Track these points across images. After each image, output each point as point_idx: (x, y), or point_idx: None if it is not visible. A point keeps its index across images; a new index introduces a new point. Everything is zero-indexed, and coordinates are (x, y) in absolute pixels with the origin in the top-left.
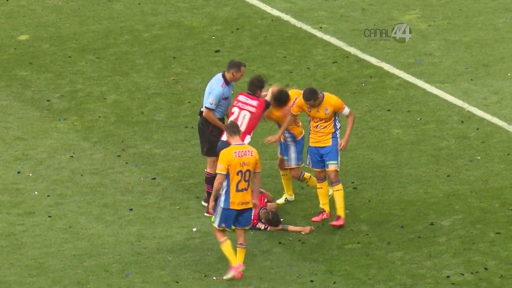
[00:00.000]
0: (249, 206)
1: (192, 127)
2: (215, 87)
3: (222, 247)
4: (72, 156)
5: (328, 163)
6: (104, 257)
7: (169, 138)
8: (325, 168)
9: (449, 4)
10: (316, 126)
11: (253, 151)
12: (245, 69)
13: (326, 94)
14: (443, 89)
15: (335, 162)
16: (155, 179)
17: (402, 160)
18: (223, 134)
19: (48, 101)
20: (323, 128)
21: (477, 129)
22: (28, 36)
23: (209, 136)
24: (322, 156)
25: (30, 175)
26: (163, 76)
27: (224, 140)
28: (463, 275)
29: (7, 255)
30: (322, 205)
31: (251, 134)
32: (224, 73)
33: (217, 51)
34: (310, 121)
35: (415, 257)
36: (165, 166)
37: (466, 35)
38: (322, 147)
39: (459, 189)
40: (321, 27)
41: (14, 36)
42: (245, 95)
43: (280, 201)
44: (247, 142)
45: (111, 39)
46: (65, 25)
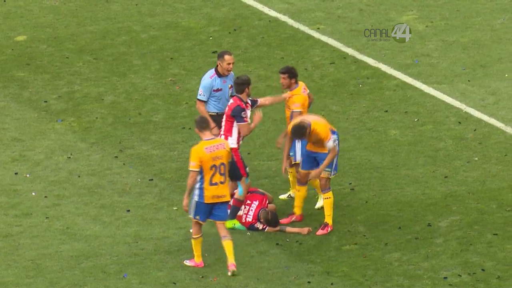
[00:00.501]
0: (224, 199)
1: (190, 128)
2: (204, 77)
3: (192, 241)
4: (70, 157)
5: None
6: (102, 258)
7: (166, 139)
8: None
9: (446, 5)
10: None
11: (225, 144)
12: (230, 56)
13: (313, 124)
14: (440, 90)
15: (328, 169)
16: (152, 180)
17: (399, 161)
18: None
19: (45, 102)
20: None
21: (475, 130)
22: (26, 37)
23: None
24: (316, 158)
25: (28, 176)
26: (160, 77)
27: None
28: (461, 276)
29: (4, 256)
30: (294, 207)
31: (232, 135)
32: (217, 66)
33: (214, 52)
34: None
35: (412, 258)
36: (162, 167)
37: (463, 36)
38: (317, 153)
39: (457, 190)
40: (318, 28)
41: (11, 37)
42: (232, 97)
43: (283, 196)
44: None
45: (108, 40)
46: (63, 26)
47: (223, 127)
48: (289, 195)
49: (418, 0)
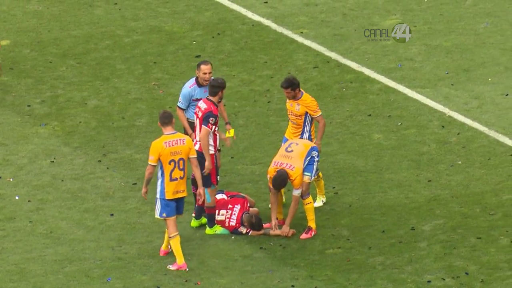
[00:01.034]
0: (184, 194)
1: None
2: (184, 86)
3: (171, 241)
4: (53, 161)
5: (304, 173)
6: (85, 262)
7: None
8: None
9: (430, 9)
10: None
11: (186, 139)
12: (206, 66)
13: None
14: (424, 94)
15: (309, 174)
16: (136, 184)
17: (383, 165)
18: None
19: (29, 106)
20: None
21: (458, 134)
22: (9, 41)
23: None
24: None
25: (11, 180)
26: (144, 81)
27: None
28: (444, 280)
29: None
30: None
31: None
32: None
33: (198, 56)
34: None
35: (396, 262)
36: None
37: (447, 40)
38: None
39: (440, 194)
40: (302, 32)
41: None
42: (203, 100)
43: (317, 204)
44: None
45: (91, 44)
46: (46, 30)
47: (197, 132)
48: (322, 200)
49: (402, 5)
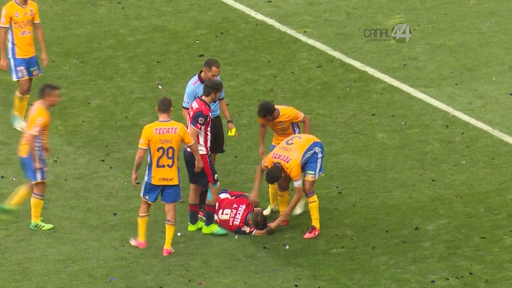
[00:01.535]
0: (172, 183)
1: None
2: (188, 84)
3: (138, 219)
4: (56, 161)
5: (306, 172)
6: (88, 262)
7: None
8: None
9: (434, 8)
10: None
11: (178, 128)
12: (217, 69)
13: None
14: (427, 94)
15: (312, 172)
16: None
17: (386, 164)
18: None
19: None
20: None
21: (462, 133)
22: None
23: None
24: None
25: (14, 179)
26: (147, 81)
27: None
28: (448, 279)
29: None
30: (280, 212)
31: (201, 142)
32: (200, 72)
33: (201, 55)
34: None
35: (400, 262)
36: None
37: (451, 39)
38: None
39: (444, 193)
40: (305, 31)
41: None
42: (197, 100)
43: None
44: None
45: (95, 43)
46: (49, 29)
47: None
48: (271, 209)
49: (405, 4)
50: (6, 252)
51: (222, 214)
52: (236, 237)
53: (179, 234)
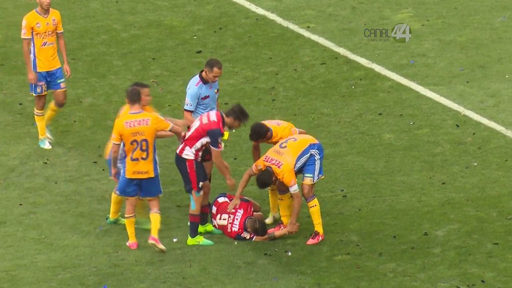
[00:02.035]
0: (148, 175)
1: None
2: (190, 86)
3: (126, 221)
4: (46, 163)
5: (304, 175)
6: (80, 269)
7: None
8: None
9: (443, 2)
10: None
11: (150, 120)
12: (219, 70)
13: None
14: (437, 92)
15: (310, 175)
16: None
17: (394, 166)
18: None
19: (20, 104)
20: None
21: (474, 134)
22: (0, 36)
23: None
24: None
25: (1, 182)
26: (142, 78)
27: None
28: None
29: None
30: (281, 216)
31: (193, 147)
32: (201, 72)
33: (199, 51)
34: None
35: (408, 269)
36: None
37: (461, 35)
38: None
39: (455, 197)
40: (308, 27)
41: None
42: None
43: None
44: (184, 155)
45: (87, 39)
46: None
47: (189, 132)
48: (273, 217)
49: None
50: None
51: (220, 219)
52: (236, 243)
53: (175, 240)
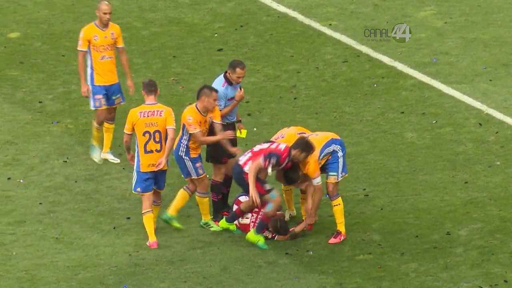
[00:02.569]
0: (162, 168)
1: None
2: (216, 87)
3: (143, 217)
4: (66, 161)
5: (328, 174)
6: (100, 268)
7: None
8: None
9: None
10: None
11: (164, 111)
12: (242, 70)
13: (310, 160)
14: (460, 90)
15: (334, 173)
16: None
17: (416, 165)
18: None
19: (40, 102)
20: None
21: (497, 132)
22: (19, 33)
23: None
24: None
25: (21, 181)
26: (162, 76)
27: (239, 164)
28: None
29: None
30: (303, 216)
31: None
32: (225, 73)
33: (220, 49)
34: None
35: (430, 269)
36: None
37: (485, 32)
38: None
39: (477, 196)
40: (330, 24)
41: (4, 33)
42: (289, 147)
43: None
44: (246, 169)
45: None
46: (59, 22)
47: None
48: (290, 214)
49: None
50: (13, 258)
51: (242, 218)
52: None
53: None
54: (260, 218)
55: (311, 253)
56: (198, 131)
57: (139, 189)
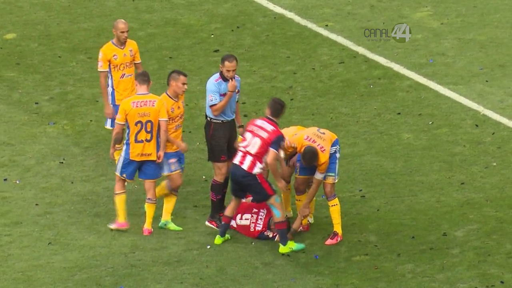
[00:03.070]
0: (150, 158)
1: (190, 132)
2: (209, 81)
3: (115, 198)
4: (62, 162)
5: (326, 174)
6: (96, 269)
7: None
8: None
9: (463, 0)
10: None
11: (156, 101)
12: (230, 63)
13: (319, 155)
14: (456, 91)
15: (333, 174)
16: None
17: (413, 166)
18: (235, 155)
19: (36, 103)
20: None
21: (493, 133)
22: (15, 34)
23: (210, 141)
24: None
25: (18, 182)
26: (159, 78)
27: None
28: None
29: None
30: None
31: (262, 163)
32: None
33: (216, 50)
34: None
35: (426, 270)
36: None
37: (481, 33)
38: None
39: (474, 197)
40: (327, 25)
41: (0, 34)
42: (264, 119)
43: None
44: (255, 171)
45: (103, 38)
46: (55, 23)
47: (252, 146)
48: (286, 215)
49: None
50: (9, 259)
51: (241, 219)
52: (253, 243)
53: (208, 247)
54: (277, 229)
55: (307, 254)
56: (164, 120)
57: (125, 175)
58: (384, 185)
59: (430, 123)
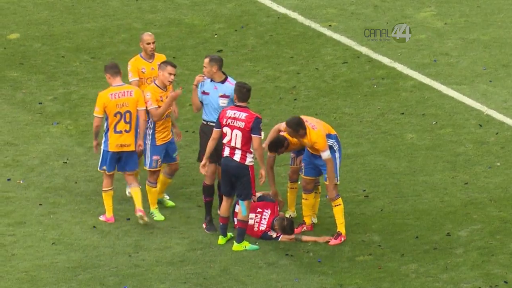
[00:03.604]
0: (130, 148)
1: (194, 132)
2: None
3: (103, 194)
4: (66, 162)
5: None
6: (100, 269)
7: None
8: (317, 177)
9: (466, 0)
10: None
11: (134, 91)
12: (209, 61)
13: (310, 131)
14: (460, 91)
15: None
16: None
17: (416, 166)
18: (224, 149)
19: (40, 103)
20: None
21: (497, 133)
22: (19, 34)
23: (200, 141)
24: (317, 165)
25: (21, 182)
26: None
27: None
28: None
29: None
30: (304, 216)
31: (251, 153)
32: None
33: (219, 50)
34: None
35: (430, 270)
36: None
37: (484, 33)
38: (318, 156)
39: (478, 197)
40: (330, 25)
41: (3, 34)
42: (234, 108)
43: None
44: (248, 162)
45: (107, 38)
46: (58, 23)
47: (235, 139)
48: (290, 215)
49: None
50: (13, 259)
51: None
52: (257, 243)
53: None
54: (238, 227)
55: (311, 254)
56: (154, 107)
57: (105, 167)
58: (387, 185)
59: (434, 123)
